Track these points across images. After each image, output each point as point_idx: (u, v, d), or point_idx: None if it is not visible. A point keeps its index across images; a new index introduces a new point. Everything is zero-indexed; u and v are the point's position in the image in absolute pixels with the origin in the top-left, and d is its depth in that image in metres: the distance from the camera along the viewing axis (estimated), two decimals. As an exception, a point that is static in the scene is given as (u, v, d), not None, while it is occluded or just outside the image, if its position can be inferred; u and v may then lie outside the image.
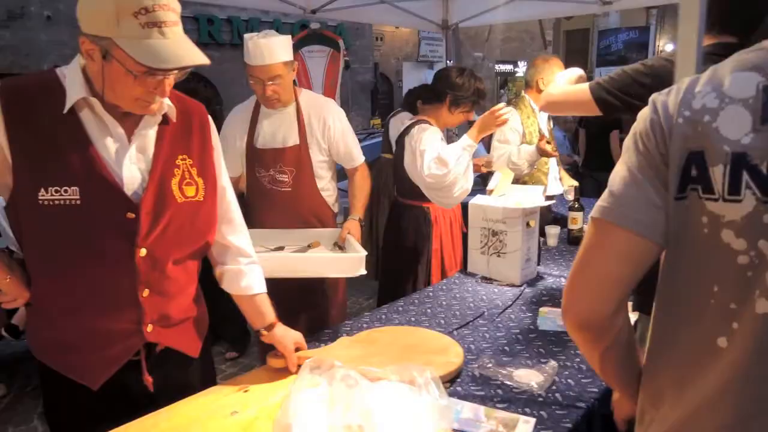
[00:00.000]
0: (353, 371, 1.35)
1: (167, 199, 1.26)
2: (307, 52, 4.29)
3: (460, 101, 2.49)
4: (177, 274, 1.34)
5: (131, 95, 1.16)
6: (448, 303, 2.09)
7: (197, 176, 1.32)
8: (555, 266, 2.51)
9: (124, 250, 1.23)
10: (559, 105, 1.74)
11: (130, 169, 1.24)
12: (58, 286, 1.24)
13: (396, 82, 13.50)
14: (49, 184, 1.16)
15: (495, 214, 2.27)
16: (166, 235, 1.27)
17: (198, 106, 1.39)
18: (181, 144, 1.31)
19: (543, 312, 1.97)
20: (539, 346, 1.71)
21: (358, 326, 1.88)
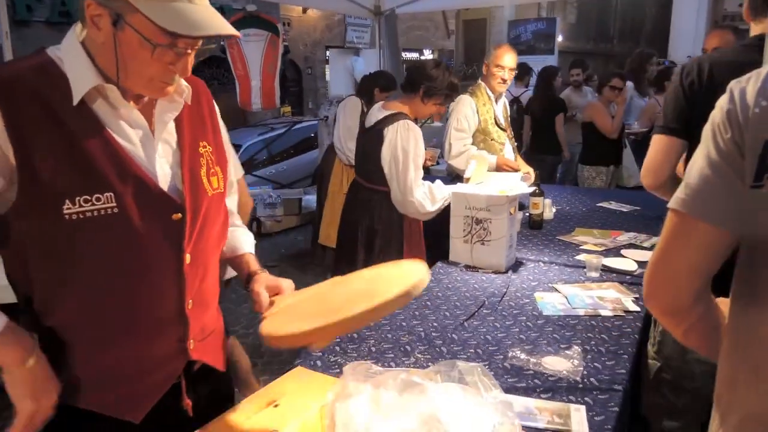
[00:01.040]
0: (402, 374, 1.28)
1: (201, 194, 1.11)
2: (242, 36, 4.03)
3: (434, 93, 2.50)
4: (212, 279, 1.20)
5: (146, 74, 0.97)
6: (444, 294, 2.06)
7: (216, 164, 1.17)
8: (527, 250, 2.56)
9: (171, 257, 1.06)
10: (660, 171, 1.60)
11: (161, 164, 1.06)
12: (90, 313, 1.03)
13: (305, 68, 13.21)
14: (77, 194, 0.95)
15: (478, 202, 2.27)
16: (204, 235, 1.12)
17: (200, 82, 1.19)
18: (199, 129, 1.15)
19: (539, 298, 2.00)
20: (552, 332, 1.74)
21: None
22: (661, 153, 1.60)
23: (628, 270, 2.25)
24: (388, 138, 2.45)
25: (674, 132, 1.57)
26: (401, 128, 2.43)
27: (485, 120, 3.21)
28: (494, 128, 3.28)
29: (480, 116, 3.20)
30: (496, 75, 3.21)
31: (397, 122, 2.45)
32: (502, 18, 18.70)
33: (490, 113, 3.23)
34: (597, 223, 3.04)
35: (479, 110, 3.19)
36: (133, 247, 1.02)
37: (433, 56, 17.52)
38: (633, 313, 1.86)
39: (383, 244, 2.56)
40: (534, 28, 8.39)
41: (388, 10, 4.77)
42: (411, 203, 2.46)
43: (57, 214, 0.95)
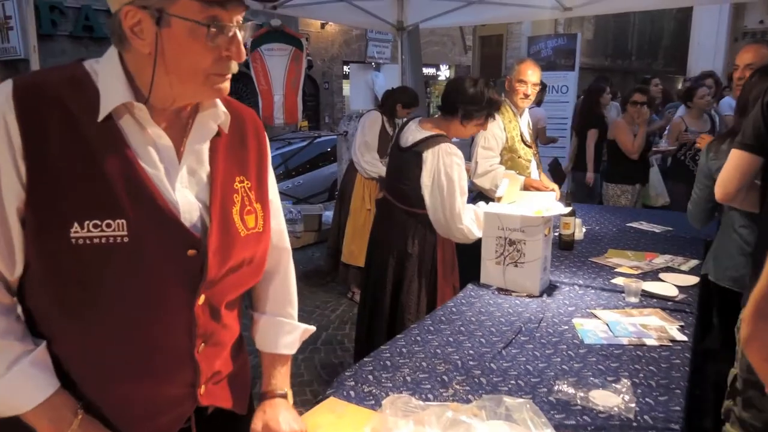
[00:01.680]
0: (447, 412, 1.19)
1: (231, 234, 1.01)
2: (266, 50, 4.01)
3: (474, 114, 2.41)
4: (231, 321, 1.10)
5: (201, 69, 0.91)
6: (478, 319, 1.97)
7: (256, 202, 1.07)
8: (559, 273, 2.47)
9: (182, 297, 0.97)
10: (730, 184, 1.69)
11: (184, 195, 0.97)
12: (92, 347, 0.96)
13: (322, 83, 13.28)
14: (87, 217, 0.88)
15: (512, 222, 2.19)
16: (229, 278, 1.03)
17: (250, 112, 1.13)
18: (238, 162, 1.06)
19: (579, 324, 1.91)
20: (596, 363, 1.64)
21: (398, 350, 1.71)
22: (733, 167, 1.66)
23: (669, 296, 2.15)
24: (428, 163, 2.34)
25: (748, 148, 1.62)
26: (443, 154, 2.33)
27: (512, 137, 3.13)
28: (521, 145, 3.21)
29: (507, 133, 3.13)
30: (519, 90, 3.14)
31: (438, 146, 2.34)
32: (519, 34, 18.71)
33: (516, 130, 3.16)
34: (630, 245, 2.94)
35: (506, 127, 3.12)
36: (141, 280, 0.94)
37: (450, 72, 17.53)
38: (680, 343, 1.76)
39: (416, 269, 2.46)
40: (554, 44, 8.31)
41: (411, 25, 4.74)
42: (460, 230, 2.36)
43: (63, 237, 0.88)
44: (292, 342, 1.25)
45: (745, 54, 2.40)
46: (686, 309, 2.04)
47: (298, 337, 1.26)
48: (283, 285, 1.25)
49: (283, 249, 1.24)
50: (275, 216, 1.18)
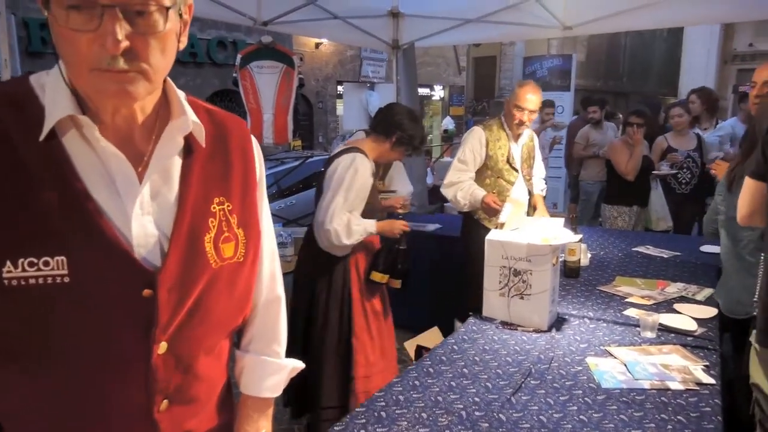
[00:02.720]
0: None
1: (199, 265, 0.85)
2: (256, 67, 3.87)
3: (406, 144, 2.46)
4: (208, 371, 0.93)
5: (82, 64, 0.72)
6: (482, 359, 1.79)
7: (238, 227, 0.91)
8: (567, 303, 2.30)
9: (136, 346, 0.81)
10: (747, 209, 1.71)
11: (141, 223, 0.81)
12: (35, 408, 0.80)
13: (316, 103, 13.19)
14: (21, 254, 0.74)
15: (517, 251, 2.02)
16: (196, 318, 0.86)
17: (237, 122, 0.97)
18: (217, 180, 0.90)
19: (593, 365, 1.73)
20: (617, 412, 1.46)
21: (393, 398, 1.53)
22: (744, 192, 1.69)
23: (688, 330, 1.98)
24: (332, 165, 2.37)
25: (754, 175, 1.64)
26: (348, 159, 2.34)
27: (495, 156, 3.00)
28: (506, 167, 3.08)
29: (489, 151, 3.00)
30: (515, 115, 2.98)
31: (349, 154, 2.36)
32: (512, 55, 18.83)
33: (503, 150, 3.02)
34: (638, 271, 2.78)
35: (489, 145, 3.00)
36: (87, 327, 0.78)
37: (444, 92, 17.52)
38: (708, 387, 1.59)
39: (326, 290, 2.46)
40: (550, 64, 8.26)
41: (407, 44, 4.63)
42: (326, 231, 2.31)
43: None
44: (277, 384, 1.09)
45: (764, 71, 2.26)
46: (708, 345, 1.87)
47: (285, 377, 1.10)
48: (270, 323, 1.09)
49: (274, 299, 1.08)
50: (268, 255, 1.04)
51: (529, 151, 3.21)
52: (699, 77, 21.43)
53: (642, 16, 3.77)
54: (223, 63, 10.09)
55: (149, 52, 0.73)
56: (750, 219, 1.71)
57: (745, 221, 1.74)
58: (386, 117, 2.49)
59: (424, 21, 4.39)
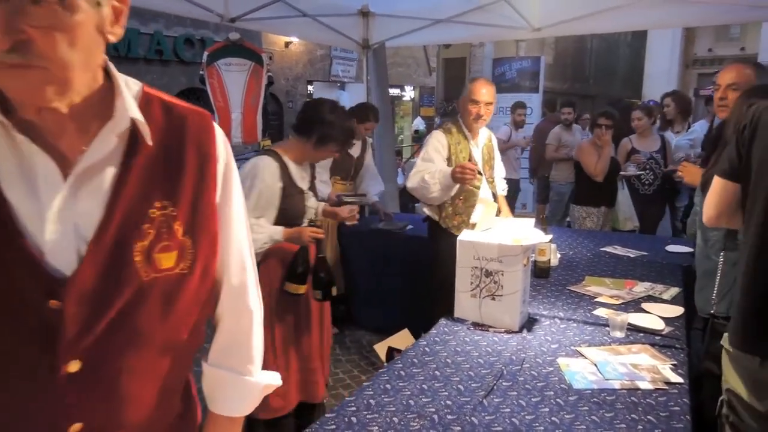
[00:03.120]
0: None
1: (123, 276, 0.77)
2: (223, 65, 3.78)
3: (329, 140, 2.30)
4: (144, 396, 0.84)
5: None
6: (454, 360, 1.77)
7: (183, 234, 0.82)
8: (537, 304, 2.30)
9: (40, 362, 0.74)
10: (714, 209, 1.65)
11: (57, 228, 0.74)
12: None
13: (286, 102, 13.06)
14: None
15: (489, 251, 2.01)
16: (120, 336, 0.78)
17: (198, 117, 0.88)
18: (162, 182, 0.81)
19: (564, 365, 1.73)
20: (588, 413, 1.46)
21: (365, 403, 1.50)
22: (713, 192, 1.64)
23: (656, 329, 2.00)
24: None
25: (725, 174, 1.59)
26: (248, 165, 2.22)
27: (457, 160, 2.84)
28: None
29: (452, 155, 2.87)
30: (471, 111, 2.86)
31: (252, 158, 2.26)
32: (482, 57, 19.01)
33: (465, 153, 2.90)
34: (606, 271, 2.81)
35: (451, 149, 2.88)
36: None
37: (415, 93, 17.56)
38: (676, 386, 1.60)
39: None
40: (519, 66, 8.36)
41: (377, 44, 4.60)
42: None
43: None
44: (249, 403, 1.02)
45: (727, 73, 2.30)
46: (676, 344, 1.89)
47: (257, 395, 1.02)
48: (241, 338, 1.01)
49: (245, 312, 0.99)
50: (236, 264, 0.95)
51: (489, 152, 3.12)
52: (662, 81, 22.07)
53: (608, 19, 3.82)
54: (191, 61, 9.89)
55: (51, 46, 0.66)
56: (717, 220, 1.69)
57: (711, 222, 1.71)
58: (306, 115, 2.35)
59: (394, 20, 4.37)
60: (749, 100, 1.86)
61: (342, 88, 5.84)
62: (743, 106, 1.87)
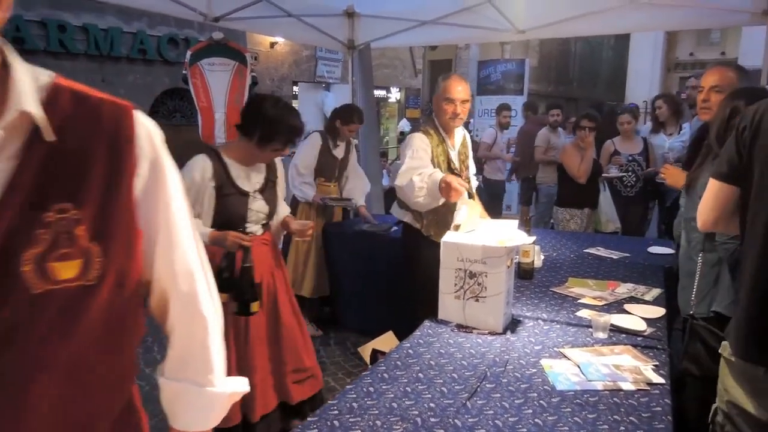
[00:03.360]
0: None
1: (6, 288, 0.69)
2: (207, 65, 3.74)
3: (272, 138, 2.17)
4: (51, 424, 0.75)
5: None
6: (437, 363, 1.77)
7: (90, 240, 0.74)
8: (521, 305, 2.30)
9: None
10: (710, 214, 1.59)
11: None
12: None
13: (271, 103, 13.00)
14: None
15: (473, 253, 2.01)
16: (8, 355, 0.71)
17: (114, 108, 0.80)
18: (64, 181, 0.73)
19: (548, 366, 1.73)
20: (571, 414, 1.46)
21: (347, 406, 1.48)
22: (711, 196, 1.57)
23: (638, 330, 2.01)
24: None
25: (723, 177, 1.52)
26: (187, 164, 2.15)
27: (437, 162, 2.73)
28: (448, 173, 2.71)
29: (433, 157, 2.72)
30: (447, 110, 2.71)
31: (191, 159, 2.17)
32: (468, 59, 19.08)
33: (443, 156, 2.77)
34: (589, 272, 2.83)
35: (433, 150, 2.73)
36: None
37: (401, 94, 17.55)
38: (658, 387, 1.61)
39: None
40: (504, 68, 8.40)
41: (362, 44, 4.59)
42: None
43: None
44: (213, 415, 0.96)
45: (710, 76, 2.32)
46: (657, 345, 1.90)
47: (222, 405, 0.97)
48: (195, 348, 0.94)
49: (198, 320, 0.92)
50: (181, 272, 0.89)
51: (465, 151, 3.00)
52: (644, 84, 22.39)
53: (592, 22, 3.86)
54: (175, 61, 9.77)
55: None
56: (714, 225, 1.60)
57: (708, 227, 1.62)
58: (247, 113, 2.23)
59: (379, 21, 4.36)
60: (733, 103, 1.88)
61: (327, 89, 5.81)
62: (727, 108, 1.88)
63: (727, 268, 1.86)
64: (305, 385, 2.50)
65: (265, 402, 2.34)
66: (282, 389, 2.43)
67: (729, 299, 1.85)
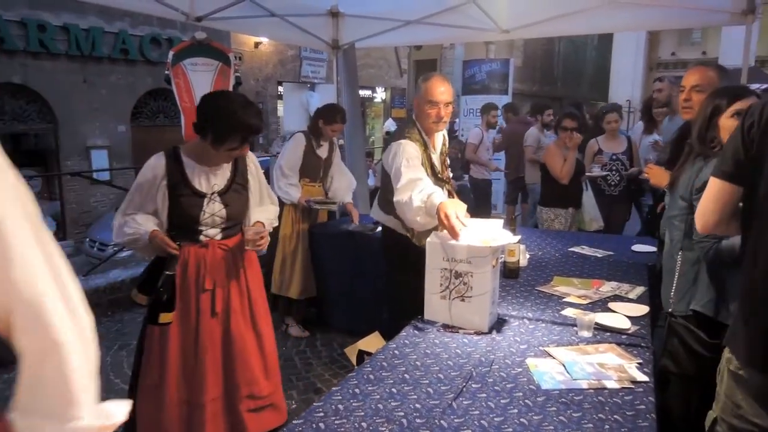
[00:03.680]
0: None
1: None
2: (189, 65, 3.70)
3: (226, 137, 2.03)
4: None
5: None
6: (423, 363, 1.76)
7: None
8: (507, 305, 2.31)
9: None
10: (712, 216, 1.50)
11: None
12: None
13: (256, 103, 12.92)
14: None
15: (458, 253, 2.01)
16: None
17: None
18: None
19: (533, 366, 1.74)
20: (556, 413, 1.46)
21: (333, 408, 1.47)
22: (713, 198, 1.48)
23: (622, 328, 2.02)
24: None
25: (727, 177, 1.44)
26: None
27: (424, 169, 2.58)
28: (434, 179, 2.64)
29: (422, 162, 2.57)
30: (430, 113, 2.58)
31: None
32: (452, 58, 19.16)
33: (427, 163, 2.63)
34: (574, 271, 2.84)
35: (421, 156, 2.58)
36: None
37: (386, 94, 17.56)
38: (642, 384, 1.62)
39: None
40: (488, 68, 8.43)
41: (347, 44, 4.58)
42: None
43: None
44: None
45: (692, 75, 2.35)
46: (641, 343, 1.92)
47: None
48: (50, 380, 0.79)
49: (48, 349, 0.77)
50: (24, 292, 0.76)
51: (446, 151, 2.92)
52: (627, 83, 22.66)
53: (575, 22, 3.88)
54: (158, 61, 9.69)
55: None
56: (716, 227, 1.52)
57: (709, 229, 1.54)
58: (200, 112, 2.09)
59: (364, 21, 4.35)
60: (714, 102, 1.89)
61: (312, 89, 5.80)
62: (709, 107, 1.90)
63: (705, 267, 1.87)
64: (262, 416, 2.25)
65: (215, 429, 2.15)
66: (234, 418, 2.19)
67: (707, 298, 1.87)
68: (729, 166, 1.42)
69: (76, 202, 9.41)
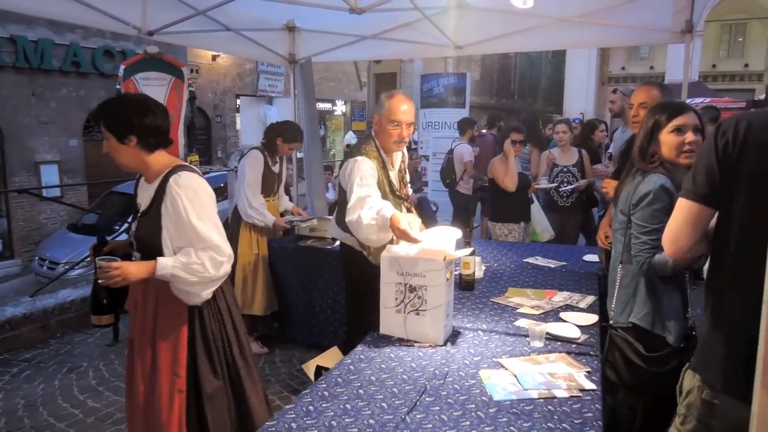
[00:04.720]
0: None
1: None
2: (141, 79, 3.63)
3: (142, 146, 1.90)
4: None
5: None
6: (378, 378, 1.77)
7: None
8: (462, 317, 2.34)
9: None
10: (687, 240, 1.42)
11: None
12: None
13: (214, 117, 12.75)
14: None
15: (412, 266, 2.03)
16: None
17: None
18: None
19: (486, 377, 1.76)
20: (507, 424, 1.49)
21: (286, 426, 1.46)
22: (684, 220, 1.41)
23: (572, 338, 2.08)
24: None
25: (700, 198, 1.37)
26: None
27: (382, 187, 2.58)
28: (392, 197, 2.65)
29: (378, 180, 2.56)
30: (392, 133, 2.57)
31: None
32: (411, 72, 19.41)
33: (386, 181, 2.64)
34: (528, 282, 2.91)
35: (378, 173, 2.57)
36: None
37: (346, 107, 17.61)
38: (590, 392, 1.66)
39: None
40: (446, 82, 8.56)
41: (303, 59, 4.58)
42: None
43: None
44: None
45: (638, 94, 2.61)
46: (590, 352, 1.97)
47: None
48: None
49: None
50: None
51: (404, 168, 2.90)
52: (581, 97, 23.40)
53: (526, 39, 4.00)
54: (111, 73, 9.48)
55: None
56: (689, 251, 1.44)
57: (682, 253, 1.46)
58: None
59: (320, 36, 4.37)
60: (655, 117, 1.98)
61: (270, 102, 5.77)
62: (649, 121, 1.99)
63: (644, 280, 1.94)
64: None
65: None
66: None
67: (645, 310, 1.93)
68: (704, 187, 1.35)
69: (24, 219, 9.07)
